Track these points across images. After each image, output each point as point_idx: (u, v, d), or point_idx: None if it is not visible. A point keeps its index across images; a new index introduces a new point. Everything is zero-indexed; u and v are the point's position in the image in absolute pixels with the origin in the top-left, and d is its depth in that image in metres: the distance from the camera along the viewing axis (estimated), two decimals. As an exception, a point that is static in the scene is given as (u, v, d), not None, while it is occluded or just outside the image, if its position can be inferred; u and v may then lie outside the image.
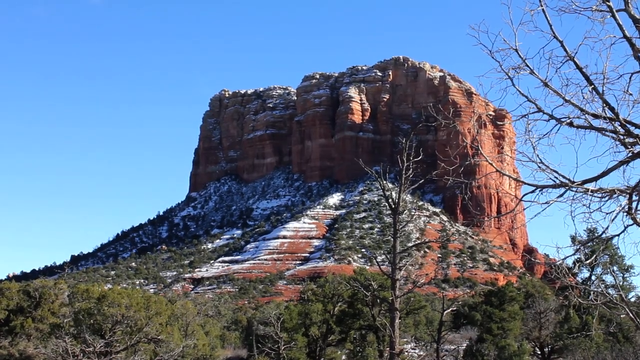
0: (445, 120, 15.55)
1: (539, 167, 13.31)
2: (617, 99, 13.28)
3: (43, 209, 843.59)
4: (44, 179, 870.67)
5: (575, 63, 13.30)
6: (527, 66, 13.64)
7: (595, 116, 13.25)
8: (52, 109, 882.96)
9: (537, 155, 13.42)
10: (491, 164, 14.45)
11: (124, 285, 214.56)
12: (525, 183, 13.71)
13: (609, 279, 61.81)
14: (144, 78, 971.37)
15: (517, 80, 13.78)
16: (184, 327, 56.64)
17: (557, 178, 13.29)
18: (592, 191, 12.97)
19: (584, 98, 13.28)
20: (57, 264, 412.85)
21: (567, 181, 13.19)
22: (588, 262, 13.88)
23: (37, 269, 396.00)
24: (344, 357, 63.05)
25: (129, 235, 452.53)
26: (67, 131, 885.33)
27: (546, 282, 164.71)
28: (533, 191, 13.52)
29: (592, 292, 15.86)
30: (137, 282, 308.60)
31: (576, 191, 13.16)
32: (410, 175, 31.30)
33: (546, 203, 13.32)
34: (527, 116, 13.54)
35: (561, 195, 13.32)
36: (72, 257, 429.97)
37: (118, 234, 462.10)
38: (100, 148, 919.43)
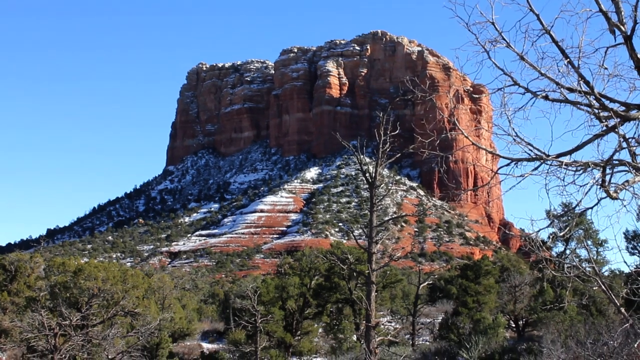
0: (422, 93, 15.53)
1: (514, 140, 13.36)
2: (592, 72, 13.35)
3: (19, 183, 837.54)
4: (21, 153, 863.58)
5: (551, 36, 13.34)
6: (504, 39, 13.66)
7: (571, 90, 13.30)
8: (27, 82, 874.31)
9: (513, 129, 13.48)
10: (467, 137, 14.50)
11: (101, 259, 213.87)
12: (500, 156, 13.78)
13: (583, 253, 62.44)
14: (121, 52, 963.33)
15: (494, 54, 13.81)
16: (160, 301, 56.65)
17: (532, 151, 13.37)
18: (566, 164, 13.06)
19: (559, 72, 13.34)
20: (33, 237, 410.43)
21: (542, 154, 13.27)
22: (562, 234, 13.98)
23: (12, 243, 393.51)
24: (320, 330, 63.34)
25: (105, 209, 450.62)
26: (44, 105, 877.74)
27: (521, 256, 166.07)
28: (508, 164, 13.59)
29: (566, 266, 16.02)
30: (114, 256, 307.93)
31: (551, 164, 13.23)
32: (388, 150, 31.30)
33: (521, 176, 13.40)
34: (503, 89, 13.59)
35: (536, 169, 13.40)
36: (48, 230, 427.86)
37: (95, 208, 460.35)
38: (78, 122, 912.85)
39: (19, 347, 34.39)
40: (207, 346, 65.79)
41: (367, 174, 31.12)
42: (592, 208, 13.16)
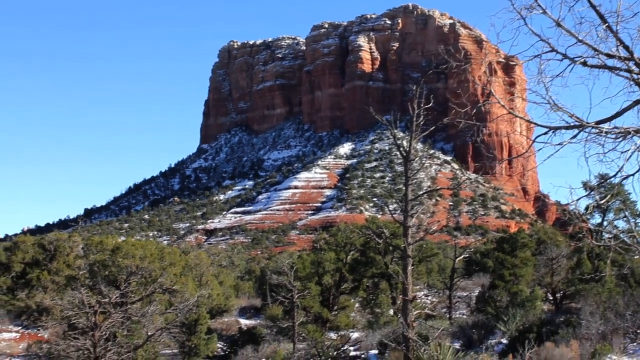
0: (457, 63, 15.32)
1: (552, 107, 13.15)
2: (631, 37, 13.04)
3: (57, 163, 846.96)
4: (58, 134, 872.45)
5: (588, 1, 13.06)
6: (539, 5, 13.40)
7: (609, 55, 13.03)
8: (63, 63, 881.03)
9: (550, 97, 13.25)
10: (503, 106, 14.28)
11: (138, 238, 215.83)
12: (538, 125, 13.56)
13: (620, 225, 61.78)
14: (154, 31, 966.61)
15: (530, 20, 13.55)
16: (198, 278, 57.06)
17: (570, 119, 13.15)
18: (606, 131, 12.83)
19: (597, 37, 13.04)
20: (71, 217, 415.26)
21: (580, 122, 13.04)
22: (603, 201, 13.75)
23: (51, 223, 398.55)
24: (357, 304, 63.47)
25: (141, 188, 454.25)
26: (81, 86, 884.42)
27: (557, 228, 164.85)
28: (546, 133, 13.37)
29: (606, 236, 15.83)
30: (151, 234, 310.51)
31: (590, 132, 13.01)
32: (421, 123, 31.06)
33: (559, 144, 13.18)
34: (540, 56, 13.33)
35: (575, 137, 13.18)
36: (86, 210, 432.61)
37: (130, 187, 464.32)
38: (113, 102, 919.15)
39: (60, 324, 34.85)
40: (244, 322, 66.27)
41: (401, 148, 30.95)
42: (633, 175, 12.94)
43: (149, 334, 33.60)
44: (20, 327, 55.83)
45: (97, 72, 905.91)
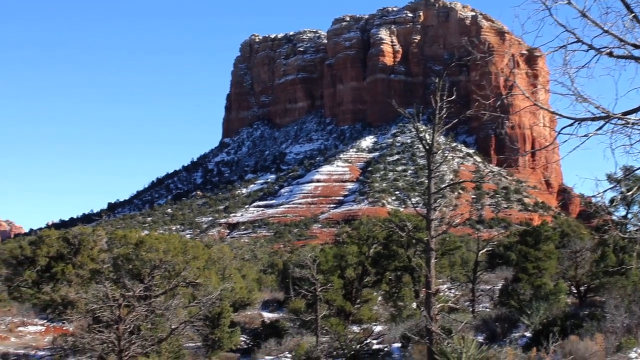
0: (481, 54, 15.22)
1: (578, 99, 13.04)
2: (659, 27, 12.90)
3: (81, 158, 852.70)
4: (81, 130, 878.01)
5: (614, -9, 12.93)
6: (564, -4, 13.28)
7: (636, 46, 12.90)
8: (83, 57, 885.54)
9: (575, 88, 13.14)
10: (528, 97, 14.18)
11: (161, 231, 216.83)
12: (563, 116, 13.46)
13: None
14: (176, 26, 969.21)
15: (555, 11, 13.42)
16: (221, 271, 57.25)
17: (596, 110, 13.03)
18: (633, 123, 12.71)
19: (624, 27, 12.92)
20: (95, 211, 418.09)
21: (606, 113, 12.92)
22: (629, 194, 13.62)
23: (74, 217, 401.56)
24: (379, 297, 63.42)
25: (164, 182, 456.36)
26: (104, 79, 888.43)
27: (581, 221, 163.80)
28: (571, 124, 13.27)
29: (632, 228, 15.71)
30: (174, 228, 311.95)
31: (616, 124, 12.89)
32: (444, 116, 30.92)
33: (585, 136, 13.08)
34: (565, 47, 13.20)
35: (600, 128, 13.07)
36: (109, 204, 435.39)
37: (153, 181, 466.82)
38: (134, 96, 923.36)
39: (85, 318, 35.11)
40: (267, 315, 66.42)
41: (424, 141, 30.84)
42: (661, 166, 12.83)
43: (173, 327, 33.76)
44: (45, 321, 56.31)
45: (120, 66, 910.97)
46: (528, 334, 45.20)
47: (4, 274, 69.38)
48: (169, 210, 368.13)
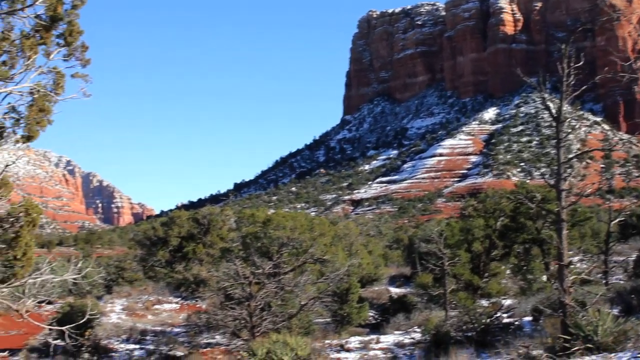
0: (614, 13, 14.58)
1: None
2: None
3: (206, 142, 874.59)
4: (209, 114, 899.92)
5: None
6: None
7: None
8: (200, 32, 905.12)
9: None
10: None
11: (286, 210, 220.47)
12: None
13: None
14: (295, 3, 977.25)
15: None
16: (347, 247, 57.58)
17: None
18: None
19: None
20: (222, 192, 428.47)
21: None
22: None
23: (203, 198, 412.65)
24: (508, 271, 62.44)
25: (287, 161, 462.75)
26: (227, 62, 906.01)
27: None
28: None
29: None
30: (298, 206, 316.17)
31: None
32: (572, 82, 29.97)
33: None
34: None
35: None
36: (235, 184, 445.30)
37: (277, 161, 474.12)
38: (259, 77, 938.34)
39: (217, 295, 36.09)
40: (394, 290, 66.45)
41: (552, 110, 30.02)
42: None
43: (302, 303, 34.23)
44: (179, 299, 58.06)
45: (243, 44, 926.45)
46: (666, 306, 43.59)
47: (139, 255, 72.04)
48: (293, 188, 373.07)
